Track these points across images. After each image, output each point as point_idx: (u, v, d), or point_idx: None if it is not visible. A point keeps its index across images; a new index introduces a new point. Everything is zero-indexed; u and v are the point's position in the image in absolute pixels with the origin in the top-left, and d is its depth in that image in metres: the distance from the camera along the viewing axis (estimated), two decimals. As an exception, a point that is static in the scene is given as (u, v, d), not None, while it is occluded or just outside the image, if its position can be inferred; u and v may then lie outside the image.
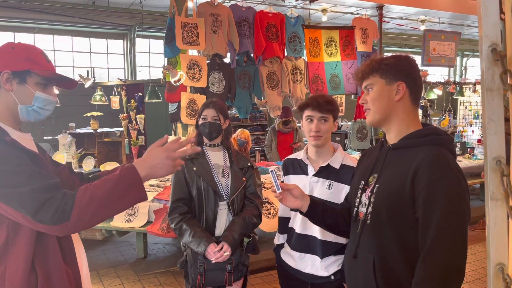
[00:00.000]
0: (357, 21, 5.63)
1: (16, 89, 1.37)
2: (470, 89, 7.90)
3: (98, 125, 6.31)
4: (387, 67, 1.43)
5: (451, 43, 6.71)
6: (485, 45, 0.75)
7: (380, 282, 1.42)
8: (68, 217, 1.21)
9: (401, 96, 1.42)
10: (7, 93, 1.36)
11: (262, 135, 8.25)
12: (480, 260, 4.60)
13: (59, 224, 1.21)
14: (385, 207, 1.40)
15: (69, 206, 1.21)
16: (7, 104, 1.37)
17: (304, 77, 5.19)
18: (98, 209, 1.24)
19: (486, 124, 0.77)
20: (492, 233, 0.78)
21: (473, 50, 12.44)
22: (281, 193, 1.64)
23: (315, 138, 1.98)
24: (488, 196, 0.77)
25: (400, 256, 1.38)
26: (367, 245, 1.47)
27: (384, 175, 1.46)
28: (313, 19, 7.40)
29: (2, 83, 1.35)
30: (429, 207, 1.28)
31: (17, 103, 1.37)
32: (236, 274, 2.21)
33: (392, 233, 1.39)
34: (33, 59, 1.39)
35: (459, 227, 1.27)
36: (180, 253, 4.40)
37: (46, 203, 1.20)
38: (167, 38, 4.35)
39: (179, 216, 2.19)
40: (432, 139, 1.39)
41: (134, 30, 8.58)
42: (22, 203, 1.21)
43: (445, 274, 1.26)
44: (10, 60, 1.36)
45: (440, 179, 1.28)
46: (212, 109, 2.23)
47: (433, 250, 1.27)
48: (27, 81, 1.38)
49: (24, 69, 1.37)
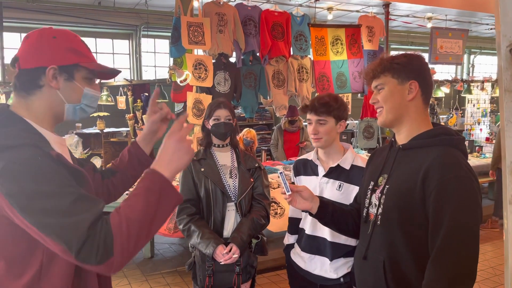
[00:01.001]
0: (363, 19, 5.59)
1: (63, 86, 1.18)
2: (478, 87, 7.82)
3: (104, 125, 6.32)
4: (399, 66, 1.41)
5: (459, 41, 6.65)
6: (503, 44, 0.73)
7: (391, 284, 1.40)
8: (112, 252, 1.02)
9: (414, 96, 1.41)
10: (51, 91, 1.17)
11: (268, 135, 8.22)
12: (489, 260, 4.55)
13: (105, 263, 1.01)
14: (395, 208, 1.39)
15: (109, 239, 1.02)
16: (50, 104, 1.18)
17: (310, 76, 5.16)
18: (140, 232, 1.06)
19: (504, 126, 0.74)
20: (511, 237, 0.76)
21: (480, 48, 12.33)
22: (291, 195, 1.62)
23: (315, 141, 1.99)
24: (507, 200, 0.75)
25: (410, 258, 1.36)
26: (377, 247, 1.46)
27: (394, 176, 1.44)
28: (318, 17, 7.36)
29: (48, 80, 1.15)
30: (439, 208, 1.27)
31: (64, 102, 1.19)
32: (244, 275, 2.20)
33: (403, 234, 1.37)
34: (78, 50, 1.20)
35: (470, 228, 1.25)
36: (187, 253, 4.40)
37: (89, 240, 1.01)
38: (172, 37, 4.34)
39: (187, 217, 2.18)
40: (443, 139, 1.37)
41: (139, 30, 8.58)
42: (64, 237, 1.00)
43: (456, 275, 1.24)
44: (54, 53, 1.15)
45: (451, 180, 1.26)
46: (225, 109, 2.22)
47: (443, 251, 1.25)
48: (75, 77, 1.19)
49: (72, 63, 1.18)
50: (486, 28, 9.98)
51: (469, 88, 7.63)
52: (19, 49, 1.18)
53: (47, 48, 1.15)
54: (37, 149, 1.07)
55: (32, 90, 1.16)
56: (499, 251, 4.83)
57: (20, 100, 1.18)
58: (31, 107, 1.17)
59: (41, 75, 1.15)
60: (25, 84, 1.16)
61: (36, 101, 1.17)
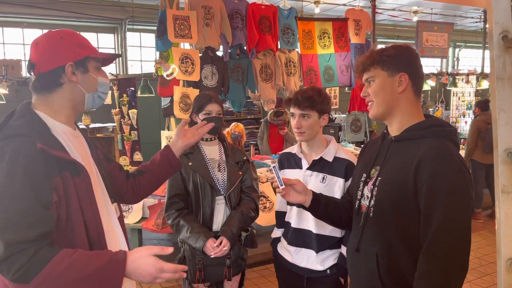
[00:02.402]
0: (350, 13, 5.59)
1: (81, 79, 1.31)
2: (463, 80, 7.91)
3: (90, 121, 6.21)
4: (388, 58, 1.40)
5: (444, 34, 6.70)
6: (495, 32, 0.72)
7: (384, 276, 1.40)
8: (29, 280, 1.07)
9: (404, 88, 1.39)
10: (72, 85, 1.30)
11: (256, 129, 8.20)
12: (475, 250, 4.62)
13: (16, 284, 1.08)
14: (388, 200, 1.38)
15: (36, 269, 1.07)
16: (71, 97, 1.31)
17: (298, 69, 5.15)
18: (65, 285, 1.10)
19: (496, 114, 0.74)
20: (503, 227, 0.75)
21: (465, 41, 12.47)
22: (284, 189, 1.62)
23: (298, 135, 1.98)
24: (499, 189, 0.75)
25: (403, 249, 1.36)
26: (370, 239, 1.46)
27: (386, 168, 1.43)
28: (306, 11, 7.34)
29: (68, 76, 1.28)
30: (432, 199, 1.27)
31: (85, 93, 1.33)
32: (235, 268, 2.20)
33: (395, 227, 1.37)
34: (85, 44, 1.32)
35: (462, 220, 1.25)
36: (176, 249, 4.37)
37: (15, 255, 1.06)
38: (158, 31, 4.27)
39: (176, 212, 2.16)
40: (435, 130, 1.37)
41: (124, 24, 8.45)
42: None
43: (448, 267, 1.24)
44: (66, 52, 1.28)
45: (443, 172, 1.26)
46: (216, 103, 2.21)
47: (435, 243, 1.26)
48: (89, 68, 1.32)
49: (84, 57, 1.30)
50: (471, 22, 10.08)
51: (455, 81, 7.71)
52: (31, 55, 1.30)
53: (59, 49, 1.27)
54: (25, 140, 1.16)
55: (54, 89, 1.29)
56: (484, 242, 4.91)
57: (40, 98, 1.30)
58: (51, 103, 1.30)
59: (61, 74, 1.27)
60: (47, 85, 1.28)
61: (57, 97, 1.30)
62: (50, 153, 1.18)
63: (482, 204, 5.70)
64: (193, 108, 2.25)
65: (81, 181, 1.26)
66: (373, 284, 1.43)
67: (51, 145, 1.22)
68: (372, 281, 1.44)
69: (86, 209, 1.26)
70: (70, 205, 1.22)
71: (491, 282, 3.85)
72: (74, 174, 1.24)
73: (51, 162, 1.19)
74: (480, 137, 5.51)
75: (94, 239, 1.27)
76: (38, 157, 1.16)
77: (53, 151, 1.20)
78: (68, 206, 1.22)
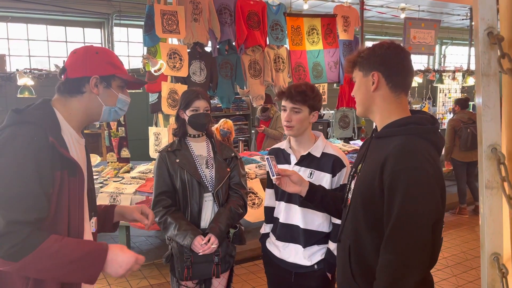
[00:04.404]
0: (338, 9, 5.60)
1: (102, 92, 1.43)
2: (449, 77, 8.00)
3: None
4: (362, 59, 1.44)
5: (431, 31, 6.76)
6: (481, 28, 0.72)
7: (354, 267, 1.46)
8: (18, 259, 1.16)
9: (376, 86, 1.41)
10: (92, 96, 1.42)
11: (245, 125, 8.19)
12: (460, 245, 4.70)
13: (6, 260, 1.16)
14: (359, 195, 1.43)
15: (28, 250, 1.16)
16: (88, 106, 1.42)
17: (286, 65, 5.15)
18: (54, 268, 1.21)
19: (481, 110, 0.74)
20: (487, 222, 0.76)
21: (451, 38, 12.61)
22: (278, 178, 1.69)
23: (287, 129, 1.99)
24: (483, 185, 0.76)
25: (370, 243, 1.40)
26: (347, 231, 1.51)
27: (364, 164, 1.48)
28: (294, 7, 7.34)
29: (91, 87, 1.40)
30: (391, 197, 1.29)
31: (102, 105, 1.44)
32: (223, 265, 2.19)
33: (365, 220, 1.41)
34: (115, 64, 1.45)
35: (418, 217, 1.26)
36: (164, 246, 4.35)
37: (12, 233, 1.15)
38: (146, 26, 4.23)
39: (163, 209, 2.14)
40: (408, 128, 1.37)
41: (111, 19, 8.34)
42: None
43: (402, 263, 1.27)
44: (97, 66, 1.41)
45: (402, 170, 1.28)
46: (204, 100, 2.19)
47: (391, 239, 1.29)
48: (112, 85, 1.44)
49: (110, 74, 1.43)
50: (458, 19, 10.20)
51: (441, 78, 7.79)
52: (66, 61, 1.43)
53: (90, 62, 1.40)
54: (39, 130, 1.26)
55: (75, 94, 1.41)
56: (469, 236, 4.99)
57: (61, 99, 1.42)
58: (68, 106, 1.41)
59: (85, 83, 1.40)
60: (70, 89, 1.40)
61: (75, 102, 1.41)
62: (58, 150, 1.28)
63: (466, 200, 5.79)
64: (180, 104, 2.23)
65: (75, 182, 1.35)
66: (346, 275, 1.49)
67: (60, 142, 1.32)
68: (345, 272, 1.49)
69: (73, 210, 1.34)
70: (60, 202, 1.29)
71: (476, 276, 3.91)
72: (71, 174, 1.33)
73: (56, 156, 1.28)
74: (457, 135, 5.63)
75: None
76: (48, 149, 1.26)
77: (61, 148, 1.30)
78: (58, 203, 1.29)
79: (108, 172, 4.63)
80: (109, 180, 4.36)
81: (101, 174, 4.60)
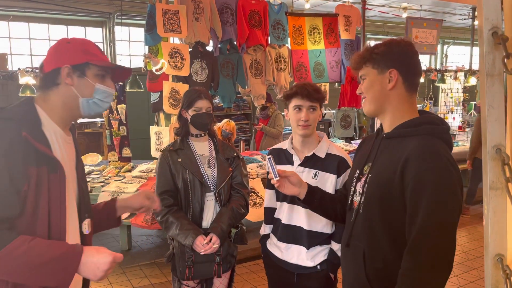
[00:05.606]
0: (340, 8, 5.59)
1: (77, 82, 1.36)
2: (451, 77, 7.98)
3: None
4: (377, 56, 1.40)
5: (433, 31, 6.74)
6: (485, 28, 0.72)
7: (370, 273, 1.41)
8: None
9: (393, 84, 1.38)
10: (67, 88, 1.36)
11: (246, 124, 8.19)
12: (462, 245, 4.69)
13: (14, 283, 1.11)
14: (376, 197, 1.38)
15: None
16: (65, 99, 1.36)
17: (288, 65, 5.14)
18: (22, 270, 1.14)
19: (486, 111, 0.74)
20: (491, 223, 0.76)
21: (453, 38, 12.58)
22: (279, 180, 1.63)
23: (304, 128, 1.94)
24: (488, 186, 0.75)
25: (389, 247, 1.36)
26: (358, 235, 1.47)
27: (376, 165, 1.44)
28: (296, 6, 7.33)
29: (63, 77, 1.34)
30: (416, 198, 1.26)
31: (78, 97, 1.37)
32: (225, 265, 2.19)
33: (382, 224, 1.37)
34: (89, 51, 1.38)
35: (446, 219, 1.25)
36: (165, 245, 4.35)
37: None
38: (147, 25, 4.22)
39: (165, 208, 2.14)
40: (424, 128, 1.35)
41: (113, 18, 8.34)
42: None
43: (430, 266, 1.24)
44: (68, 55, 1.35)
45: (428, 170, 1.26)
46: (206, 99, 2.19)
47: (418, 242, 1.26)
48: (87, 74, 1.37)
49: (83, 62, 1.35)
50: (460, 19, 10.17)
51: (443, 77, 7.77)
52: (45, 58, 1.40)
53: (62, 52, 1.36)
54: (12, 124, 1.23)
55: (51, 87, 1.36)
56: (471, 237, 4.98)
57: (41, 95, 1.38)
58: (48, 101, 1.36)
59: (58, 75, 1.34)
60: (46, 84, 1.37)
61: (53, 96, 1.36)
62: (33, 144, 1.23)
63: (472, 201, 5.71)
64: (182, 104, 2.23)
65: (56, 179, 1.28)
66: (360, 280, 1.44)
67: (37, 137, 1.26)
68: (359, 277, 1.45)
69: (54, 208, 1.28)
70: (39, 200, 1.24)
71: (478, 276, 3.90)
72: (51, 171, 1.27)
73: (31, 152, 1.23)
74: None
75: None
76: (19, 143, 1.21)
77: (36, 143, 1.24)
78: (37, 201, 1.23)
79: (109, 171, 4.64)
80: (110, 179, 4.37)
81: (102, 173, 4.61)
